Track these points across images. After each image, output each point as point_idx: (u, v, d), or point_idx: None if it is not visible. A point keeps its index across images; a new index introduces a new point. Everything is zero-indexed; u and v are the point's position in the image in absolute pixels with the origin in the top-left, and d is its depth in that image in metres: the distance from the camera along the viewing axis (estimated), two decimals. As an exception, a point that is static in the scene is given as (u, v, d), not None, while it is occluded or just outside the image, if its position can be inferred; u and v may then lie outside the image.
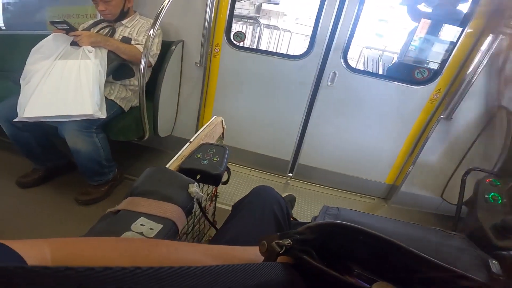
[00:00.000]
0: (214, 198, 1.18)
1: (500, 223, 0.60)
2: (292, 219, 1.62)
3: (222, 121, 0.94)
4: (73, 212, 1.50)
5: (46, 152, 1.57)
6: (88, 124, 1.32)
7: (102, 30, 1.49)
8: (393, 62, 2.54)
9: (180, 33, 1.77)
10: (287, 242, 0.36)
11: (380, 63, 5.68)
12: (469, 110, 1.67)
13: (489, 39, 1.45)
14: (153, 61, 1.55)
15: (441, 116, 1.69)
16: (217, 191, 1.14)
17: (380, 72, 5.55)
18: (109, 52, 1.39)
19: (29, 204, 1.51)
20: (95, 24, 1.53)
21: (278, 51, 3.85)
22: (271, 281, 0.32)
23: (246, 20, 3.96)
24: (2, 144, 1.82)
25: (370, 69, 6.32)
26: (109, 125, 1.48)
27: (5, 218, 1.40)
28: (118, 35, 1.51)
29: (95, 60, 1.27)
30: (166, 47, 1.66)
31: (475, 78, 1.50)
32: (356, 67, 2.01)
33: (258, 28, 4.09)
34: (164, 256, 0.27)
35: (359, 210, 0.81)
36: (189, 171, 0.66)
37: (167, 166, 0.66)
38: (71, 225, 1.40)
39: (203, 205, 0.94)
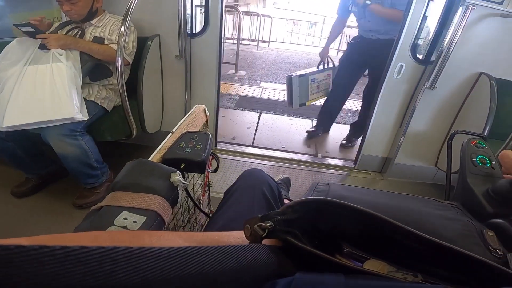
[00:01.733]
0: (207, 188, 1.15)
1: (491, 188, 0.56)
2: (289, 201, 1.64)
3: (204, 109, 0.94)
4: (73, 217, 1.49)
5: (35, 160, 1.54)
6: (71, 128, 1.29)
7: (71, 32, 1.43)
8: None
9: (155, 27, 1.74)
10: (269, 224, 0.34)
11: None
12: (451, 78, 1.71)
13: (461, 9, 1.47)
14: (130, 59, 1.51)
15: (425, 86, 1.70)
16: (210, 180, 1.12)
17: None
18: (82, 53, 1.34)
19: (27, 213, 1.49)
20: (61, 26, 1.47)
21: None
22: (254, 263, 0.30)
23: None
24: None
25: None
26: (93, 126, 1.45)
27: (3, 230, 1.38)
28: (88, 36, 1.46)
29: (67, 62, 1.23)
30: (142, 43, 1.63)
31: (452, 48, 1.52)
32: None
33: (238, 17, 4.02)
34: (147, 245, 0.24)
35: (352, 185, 0.78)
36: (172, 161, 0.65)
37: (150, 159, 0.64)
38: (72, 230, 1.36)
39: (195, 196, 0.93)
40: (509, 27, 1.55)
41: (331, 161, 2.27)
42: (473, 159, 0.64)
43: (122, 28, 1.15)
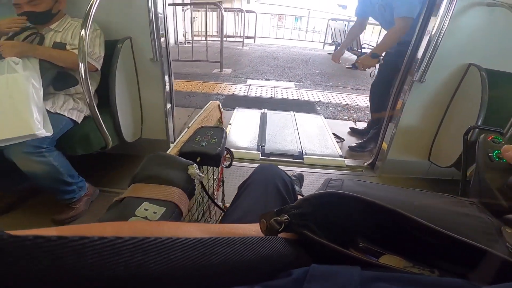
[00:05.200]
0: (221, 183, 1.16)
1: (508, 183, 0.55)
2: (302, 197, 1.57)
3: (219, 105, 0.94)
4: (54, 233, 1.38)
5: (5, 177, 1.41)
6: (36, 144, 1.17)
7: (29, 38, 1.30)
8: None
9: (125, 29, 1.61)
10: (284, 218, 0.35)
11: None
12: (440, 70, 1.65)
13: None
14: (97, 64, 1.39)
15: (414, 79, 1.64)
16: (223, 175, 1.13)
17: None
18: (42, 61, 1.22)
19: (5, 230, 1.37)
20: (17, 32, 1.33)
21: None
22: (272, 255, 0.31)
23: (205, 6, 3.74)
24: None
25: (339, 40, 6.29)
26: (62, 140, 1.33)
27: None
28: (48, 42, 1.33)
29: (24, 72, 1.10)
30: (111, 47, 1.50)
31: (440, 39, 1.46)
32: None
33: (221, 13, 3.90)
34: (166, 235, 0.24)
35: (366, 181, 0.76)
36: (188, 154, 0.66)
37: (167, 152, 0.66)
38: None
39: (210, 191, 0.94)
40: (495, 16, 1.50)
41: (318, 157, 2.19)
42: (490, 154, 0.62)
43: (83, 32, 1.03)
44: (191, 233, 0.34)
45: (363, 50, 5.16)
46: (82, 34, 1.05)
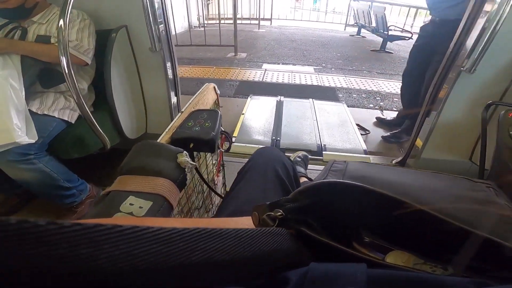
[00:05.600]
0: (221, 168, 1.09)
1: None
2: (307, 179, 1.33)
3: (214, 87, 0.89)
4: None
5: (6, 180, 1.32)
6: (22, 152, 1.04)
7: (11, 34, 1.14)
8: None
9: (120, 17, 1.42)
10: (279, 213, 0.32)
11: (372, 15, 5.18)
12: (494, 61, 1.36)
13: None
14: (86, 58, 1.22)
15: (462, 68, 1.37)
16: (223, 160, 1.07)
17: (374, 24, 5.13)
18: (24, 57, 1.07)
19: None
20: None
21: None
22: (273, 250, 0.27)
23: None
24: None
25: (362, 22, 5.82)
26: (55, 143, 1.19)
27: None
28: (31, 36, 1.17)
29: (2, 71, 0.95)
30: (105, 37, 1.33)
31: (500, 25, 1.19)
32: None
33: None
34: None
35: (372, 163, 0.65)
36: (181, 141, 0.63)
37: (158, 140, 0.62)
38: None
39: (209, 176, 0.89)
40: None
41: (339, 153, 1.97)
42: (511, 132, 0.57)
43: (61, 22, 0.86)
44: None
45: (390, 33, 4.74)
46: (61, 24, 0.88)
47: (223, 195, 0.85)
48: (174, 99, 1.74)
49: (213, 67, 3.80)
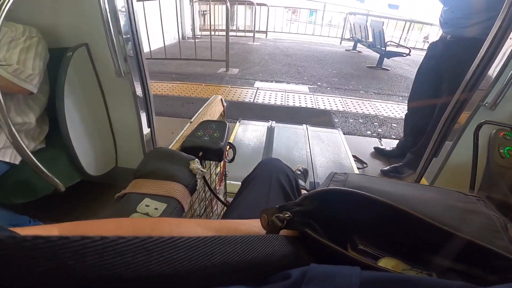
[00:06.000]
0: (223, 178, 1.10)
1: None
2: (307, 192, 1.32)
3: (221, 99, 0.93)
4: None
5: None
6: None
7: None
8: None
9: (80, 34, 1.18)
10: (287, 215, 0.35)
11: (370, 29, 5.04)
12: None
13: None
14: (31, 86, 0.99)
15: (482, 102, 1.16)
16: (226, 170, 1.09)
17: (370, 39, 4.97)
18: None
19: None
20: None
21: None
22: (274, 254, 0.31)
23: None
24: None
25: (358, 36, 5.70)
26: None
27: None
28: None
29: None
30: (58, 58, 1.10)
31: None
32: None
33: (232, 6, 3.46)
34: (167, 232, 0.26)
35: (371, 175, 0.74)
36: (191, 149, 0.66)
37: (169, 147, 0.63)
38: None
39: (212, 185, 0.91)
40: None
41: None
42: (501, 150, 0.61)
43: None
44: (192, 230, 0.35)
45: (388, 49, 4.60)
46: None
47: (226, 203, 0.88)
48: (146, 131, 1.50)
49: (202, 84, 3.59)
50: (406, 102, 2.10)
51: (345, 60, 5.67)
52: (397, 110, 3.17)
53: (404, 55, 4.69)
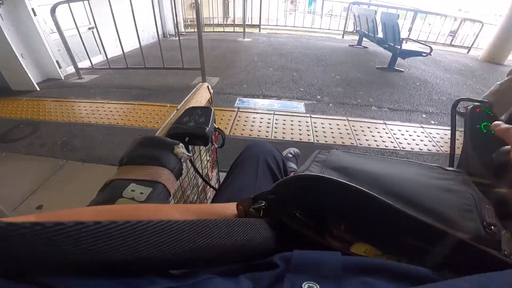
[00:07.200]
0: (215, 164, 1.13)
1: (495, 155, 0.52)
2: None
3: (208, 86, 0.95)
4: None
5: None
6: None
7: None
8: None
9: None
10: (262, 204, 0.37)
11: (379, 23, 4.13)
12: None
13: None
14: None
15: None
16: (217, 155, 1.13)
17: (380, 35, 4.05)
18: None
19: None
20: None
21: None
22: (256, 237, 0.32)
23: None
24: None
25: (365, 30, 4.74)
26: None
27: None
28: None
29: None
30: None
31: None
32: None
33: None
34: (145, 218, 0.24)
35: (355, 152, 0.71)
36: (177, 135, 0.66)
37: (156, 134, 0.64)
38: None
39: (204, 172, 0.99)
40: None
41: None
42: (477, 125, 0.61)
43: None
44: (170, 215, 0.35)
45: (404, 46, 3.73)
46: None
47: (216, 188, 0.86)
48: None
49: (167, 104, 2.77)
50: (433, 121, 1.36)
51: (350, 60, 4.79)
52: (422, 137, 2.35)
53: (424, 54, 3.81)
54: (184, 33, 6.65)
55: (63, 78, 3.61)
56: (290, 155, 1.62)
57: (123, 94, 3.06)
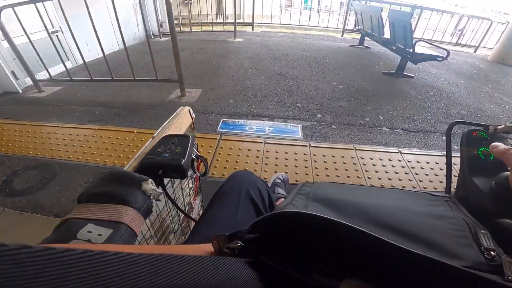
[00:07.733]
0: (198, 191, 1.10)
1: (495, 183, 0.47)
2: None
3: (189, 110, 0.88)
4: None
5: None
6: None
7: None
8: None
9: None
10: (238, 244, 0.34)
11: (388, 23, 3.65)
12: None
13: None
14: None
15: None
16: (200, 182, 1.10)
17: (387, 35, 3.55)
18: None
19: None
20: None
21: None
22: (234, 278, 0.29)
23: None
24: None
25: (368, 29, 4.20)
26: None
27: None
28: None
29: None
30: None
31: None
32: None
33: None
34: None
35: (340, 183, 0.69)
36: (149, 167, 0.60)
37: (126, 168, 0.58)
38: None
39: (186, 200, 0.93)
40: None
41: None
42: (475, 151, 0.58)
43: None
44: None
45: (416, 49, 3.24)
46: None
47: (197, 219, 0.80)
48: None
49: (134, 130, 2.27)
50: (456, 146, 1.26)
51: (353, 63, 4.28)
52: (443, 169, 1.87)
53: (440, 59, 3.31)
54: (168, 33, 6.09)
55: (20, 92, 3.09)
56: (279, 180, 1.56)
57: (83, 113, 2.54)
